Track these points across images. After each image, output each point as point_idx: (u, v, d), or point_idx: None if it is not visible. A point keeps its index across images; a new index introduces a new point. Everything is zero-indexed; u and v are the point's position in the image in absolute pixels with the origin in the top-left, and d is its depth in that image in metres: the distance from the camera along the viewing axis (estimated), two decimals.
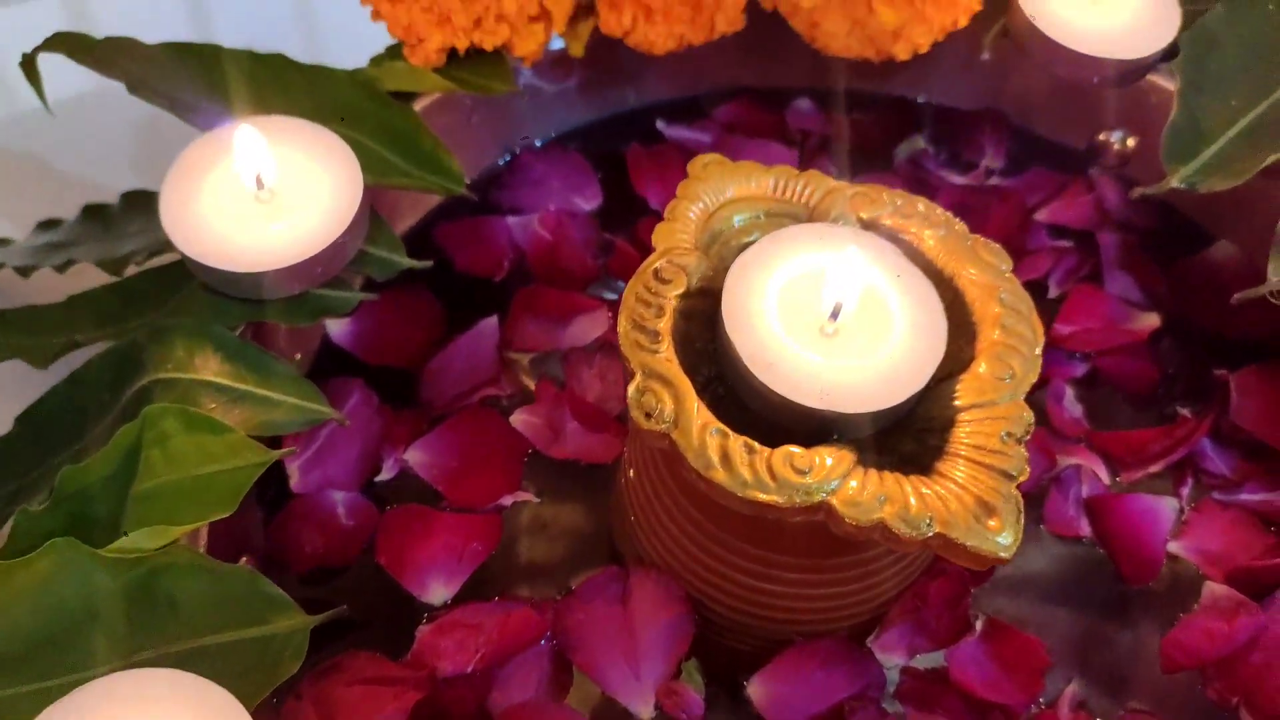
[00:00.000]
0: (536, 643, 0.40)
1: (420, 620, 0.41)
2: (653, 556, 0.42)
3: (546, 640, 0.40)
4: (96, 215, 0.53)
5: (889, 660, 0.41)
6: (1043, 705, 0.41)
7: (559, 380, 0.48)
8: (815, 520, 0.35)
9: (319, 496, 0.44)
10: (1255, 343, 0.50)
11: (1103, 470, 0.46)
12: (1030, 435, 0.35)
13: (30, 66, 0.49)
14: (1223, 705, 0.41)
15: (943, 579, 0.42)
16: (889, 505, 0.33)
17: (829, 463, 0.34)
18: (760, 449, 0.34)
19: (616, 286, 0.52)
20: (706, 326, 0.39)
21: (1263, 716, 0.40)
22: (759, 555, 0.39)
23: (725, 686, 0.41)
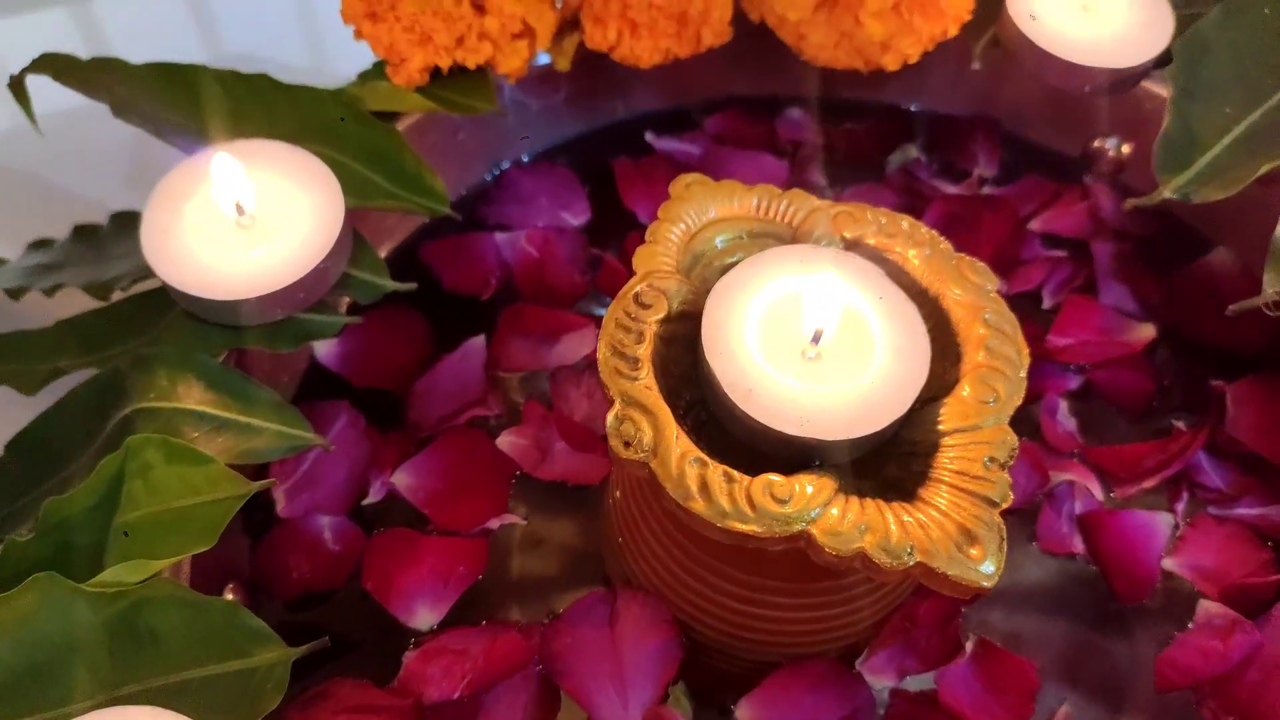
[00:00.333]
0: (524, 668, 0.40)
1: (407, 646, 0.41)
2: (640, 578, 0.42)
3: (534, 665, 0.40)
4: (86, 236, 0.53)
5: (878, 682, 0.41)
6: None
7: (547, 399, 0.48)
8: (798, 547, 0.34)
9: (306, 521, 0.44)
10: (1253, 353, 0.49)
11: (1096, 486, 0.45)
12: (1014, 459, 0.35)
13: (18, 87, 0.49)
14: None
15: (933, 599, 0.41)
16: (869, 534, 0.33)
17: (809, 491, 0.34)
18: (739, 478, 0.34)
19: (605, 303, 0.51)
20: (688, 350, 0.38)
21: None
22: (745, 579, 0.39)
23: (713, 710, 0.41)
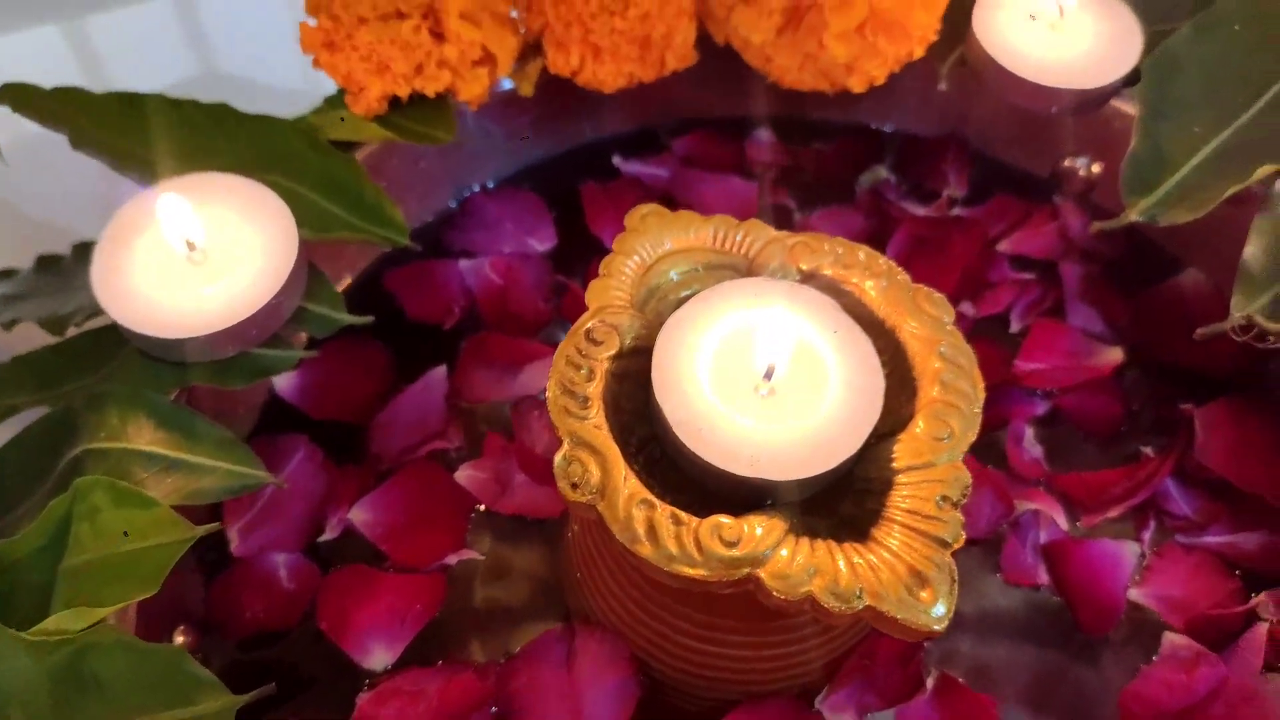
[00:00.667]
0: (480, 708, 0.40)
1: (362, 687, 0.40)
2: (599, 614, 0.42)
3: (490, 706, 0.40)
4: (49, 267, 0.52)
5: None
6: None
7: (510, 430, 0.47)
8: (748, 590, 0.34)
9: (260, 560, 0.43)
10: (1224, 375, 0.49)
11: (1061, 515, 0.45)
12: (967, 497, 0.34)
13: None
14: None
15: None
16: (818, 578, 0.32)
17: (759, 533, 0.33)
18: (688, 520, 0.33)
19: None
20: (641, 387, 0.38)
21: None
22: (701, 619, 0.38)
23: None
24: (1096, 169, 0.54)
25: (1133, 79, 0.50)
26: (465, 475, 0.45)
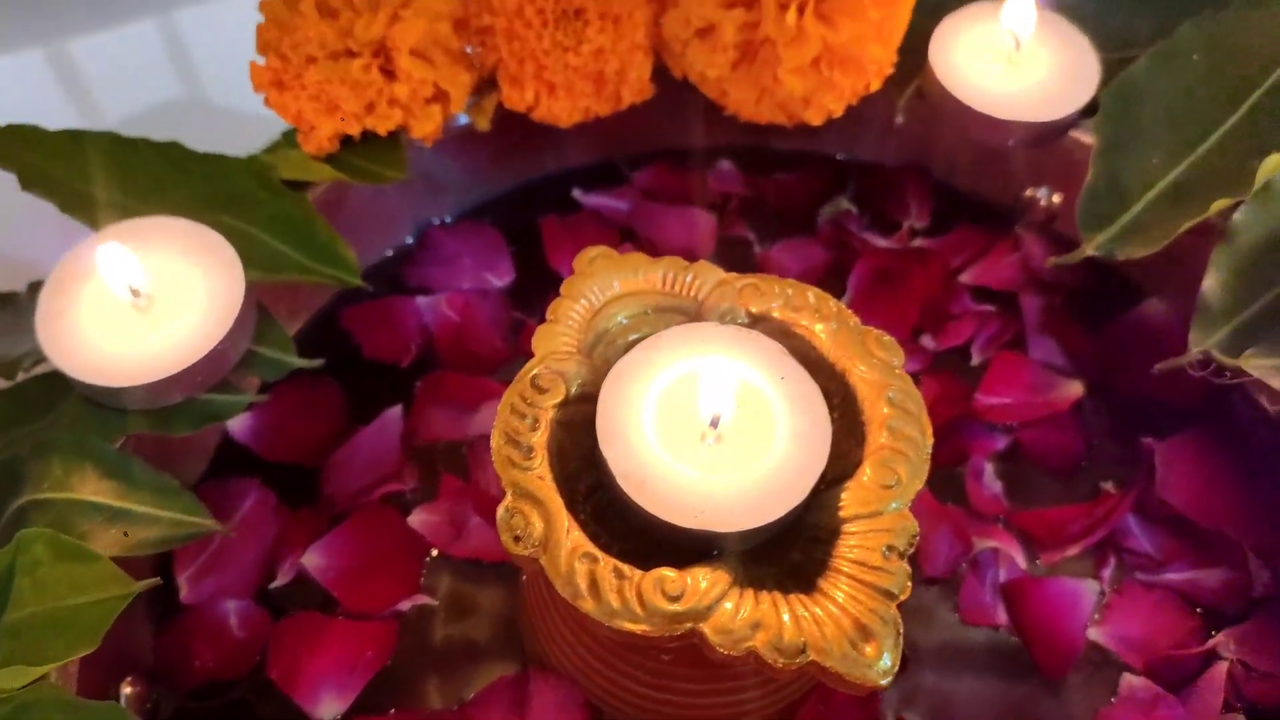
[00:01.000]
0: None
1: None
2: (553, 660, 0.41)
3: None
4: (6, 304, 0.52)
5: None
6: None
7: (466, 471, 0.47)
8: (695, 642, 0.33)
9: (210, 607, 0.43)
10: (1188, 406, 0.48)
11: (1019, 553, 0.44)
12: (914, 547, 0.34)
13: None
14: None
15: None
16: (761, 633, 0.32)
17: (704, 585, 0.33)
18: (631, 574, 0.33)
19: None
20: (588, 433, 0.37)
21: None
22: (652, 666, 0.38)
23: None
24: (1057, 199, 0.54)
25: (1090, 110, 0.50)
26: (419, 519, 0.45)
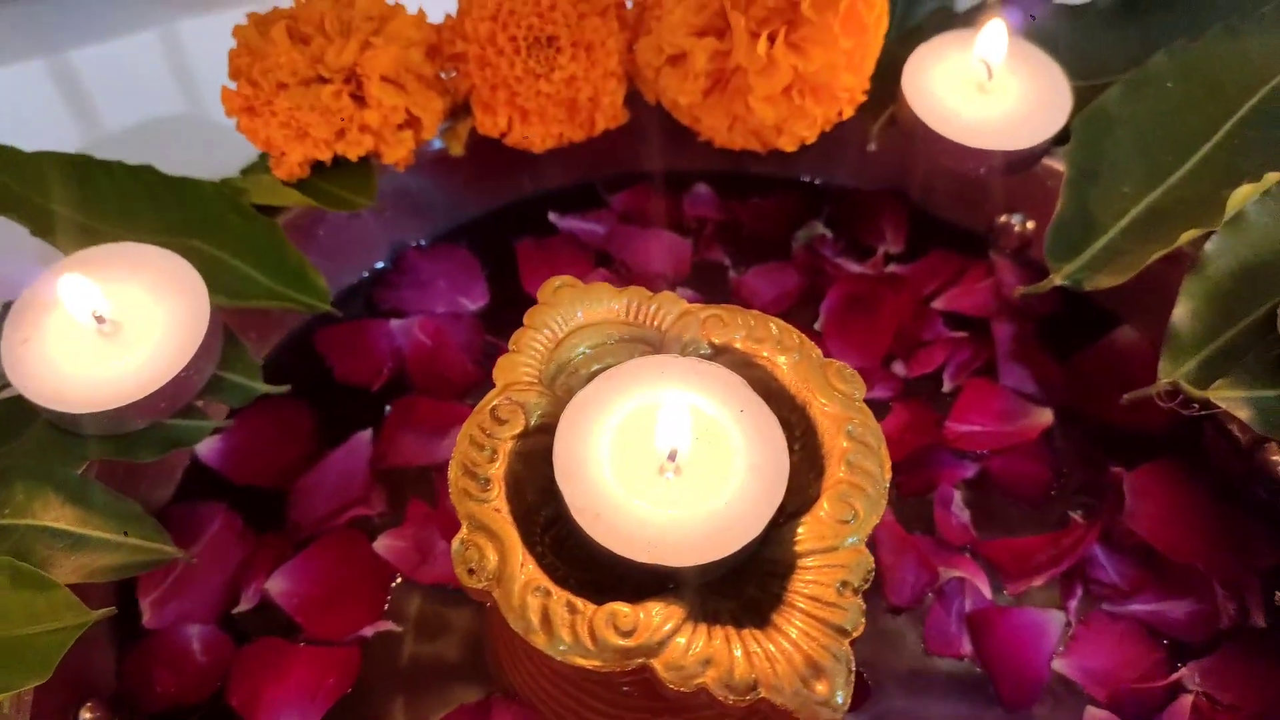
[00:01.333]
0: None
1: None
2: (516, 687, 0.41)
3: None
4: None
5: None
6: None
7: (435, 496, 0.47)
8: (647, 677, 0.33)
9: (173, 632, 0.43)
10: (1157, 435, 0.48)
11: (985, 583, 0.44)
12: (869, 582, 0.34)
13: None
14: None
15: None
16: (712, 669, 0.32)
17: (656, 620, 0.33)
18: (583, 608, 0.33)
19: None
20: (548, 464, 0.37)
21: None
22: (611, 698, 0.38)
23: None
24: (1031, 226, 0.54)
25: (1062, 138, 0.50)
26: (384, 544, 0.45)
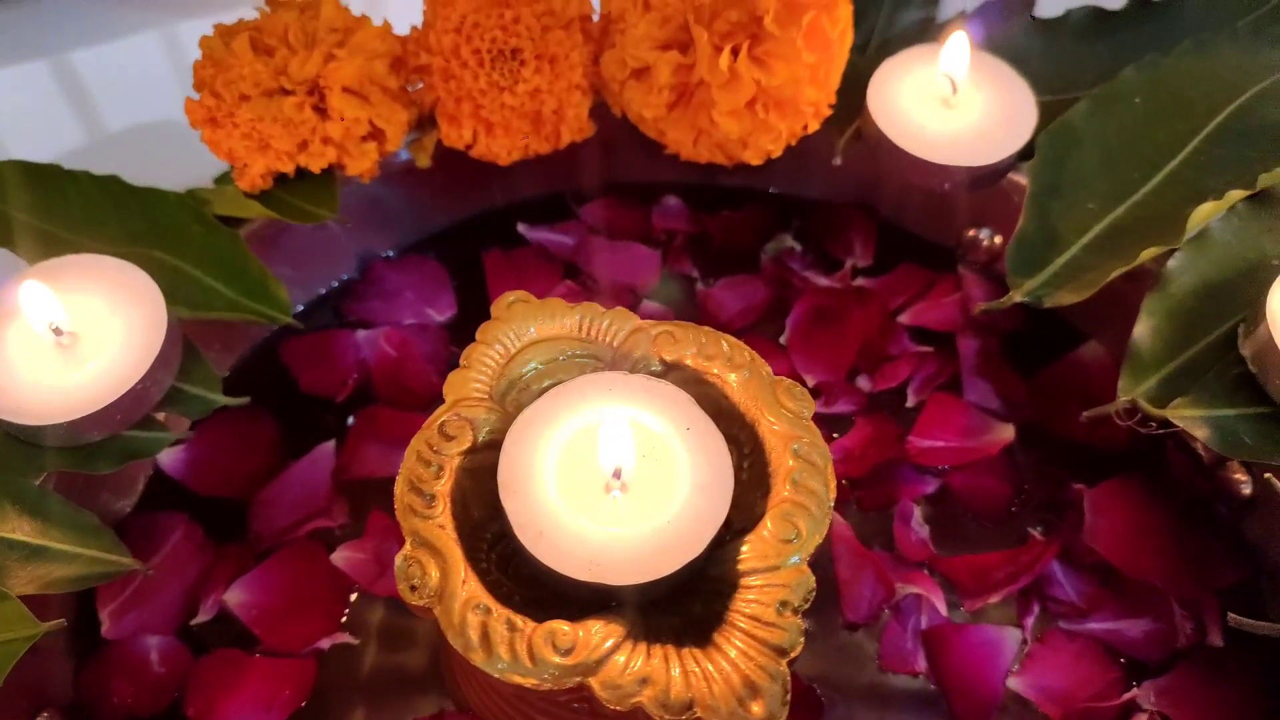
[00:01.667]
0: None
1: None
2: (470, 702, 0.41)
3: None
4: None
5: None
6: None
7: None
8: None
9: (131, 642, 0.43)
10: (1120, 451, 0.48)
11: (940, 600, 0.44)
12: (809, 602, 0.34)
13: None
14: None
15: None
16: (649, 688, 0.32)
17: (596, 638, 0.33)
18: (523, 626, 0.33)
19: None
20: (495, 481, 0.37)
21: None
22: (560, 715, 0.38)
23: None
24: (999, 240, 0.54)
25: (1027, 154, 0.50)
26: (342, 557, 0.45)
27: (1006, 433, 0.49)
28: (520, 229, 0.56)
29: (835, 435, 0.49)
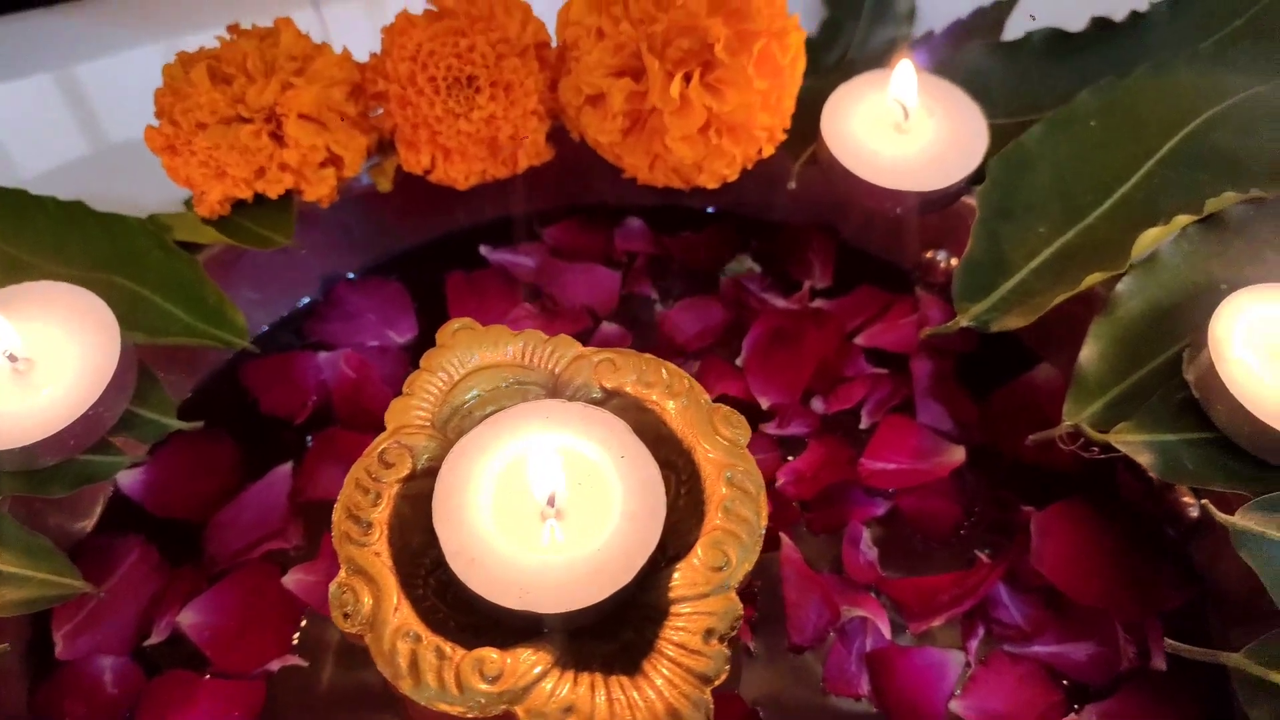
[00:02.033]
0: None
1: None
2: None
3: None
4: None
5: None
6: None
7: None
8: None
9: (85, 663, 0.43)
10: (1072, 474, 0.48)
11: (884, 622, 0.44)
12: (736, 629, 0.35)
13: None
14: None
15: None
16: (573, 716, 0.33)
17: (523, 666, 0.33)
18: (452, 654, 0.34)
19: None
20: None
21: None
22: None
23: None
24: (955, 261, 0.54)
25: (979, 178, 0.50)
26: (294, 579, 0.45)
27: (957, 455, 0.49)
28: (483, 251, 0.57)
29: (789, 458, 0.50)
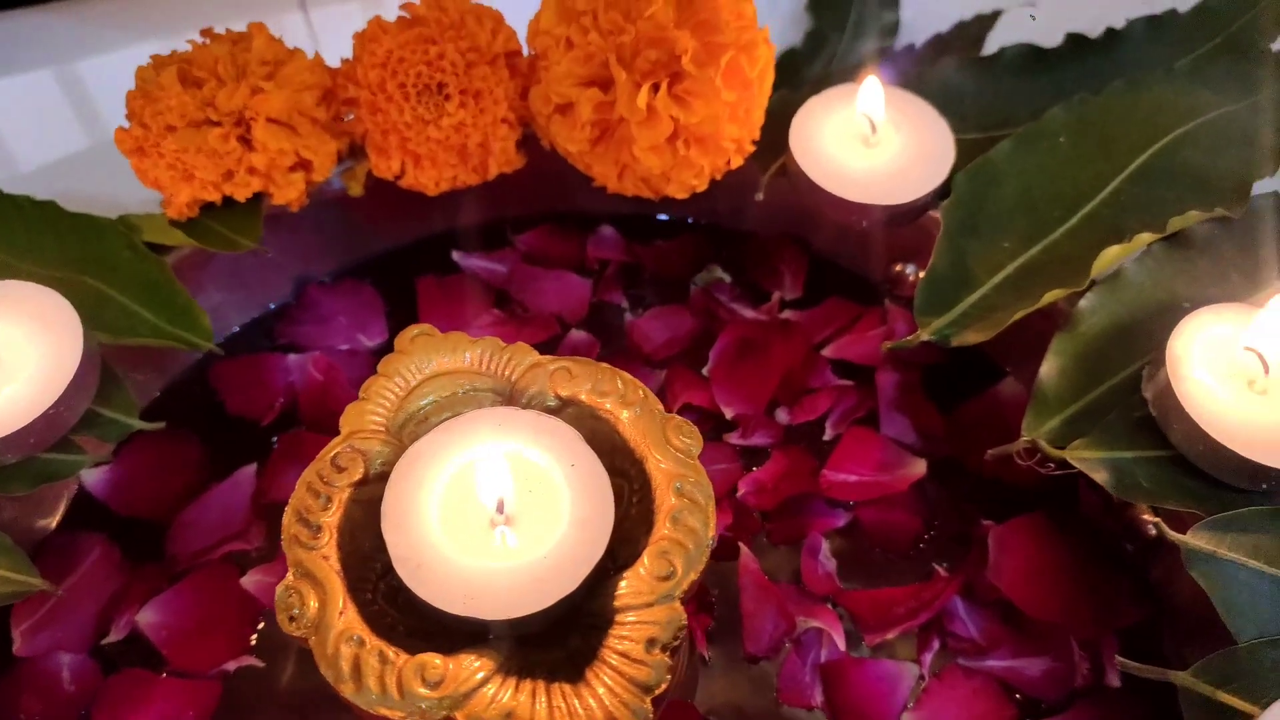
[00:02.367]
0: None
1: None
2: None
3: None
4: None
5: None
6: None
7: None
8: None
9: (43, 660, 0.44)
10: (1031, 489, 0.49)
11: (839, 633, 0.45)
12: (680, 640, 0.35)
13: None
14: None
15: None
16: None
17: (465, 672, 0.34)
18: (395, 659, 0.34)
19: None
20: None
21: None
22: None
23: None
24: (924, 274, 0.54)
25: (944, 193, 0.50)
26: (252, 580, 0.46)
27: (919, 468, 0.49)
28: (455, 257, 0.57)
29: (753, 468, 0.50)
